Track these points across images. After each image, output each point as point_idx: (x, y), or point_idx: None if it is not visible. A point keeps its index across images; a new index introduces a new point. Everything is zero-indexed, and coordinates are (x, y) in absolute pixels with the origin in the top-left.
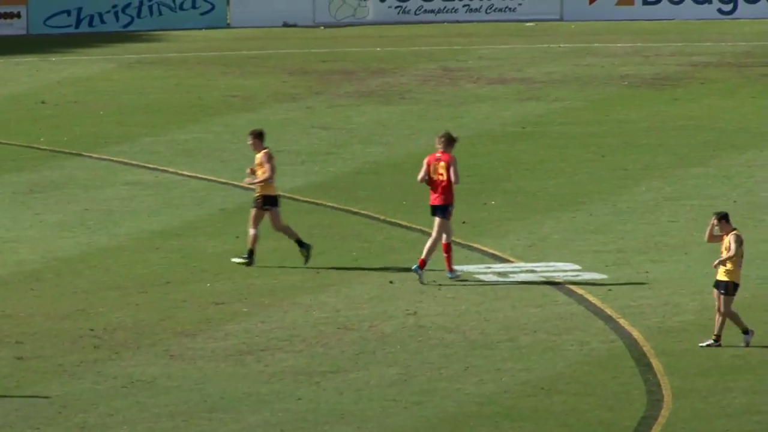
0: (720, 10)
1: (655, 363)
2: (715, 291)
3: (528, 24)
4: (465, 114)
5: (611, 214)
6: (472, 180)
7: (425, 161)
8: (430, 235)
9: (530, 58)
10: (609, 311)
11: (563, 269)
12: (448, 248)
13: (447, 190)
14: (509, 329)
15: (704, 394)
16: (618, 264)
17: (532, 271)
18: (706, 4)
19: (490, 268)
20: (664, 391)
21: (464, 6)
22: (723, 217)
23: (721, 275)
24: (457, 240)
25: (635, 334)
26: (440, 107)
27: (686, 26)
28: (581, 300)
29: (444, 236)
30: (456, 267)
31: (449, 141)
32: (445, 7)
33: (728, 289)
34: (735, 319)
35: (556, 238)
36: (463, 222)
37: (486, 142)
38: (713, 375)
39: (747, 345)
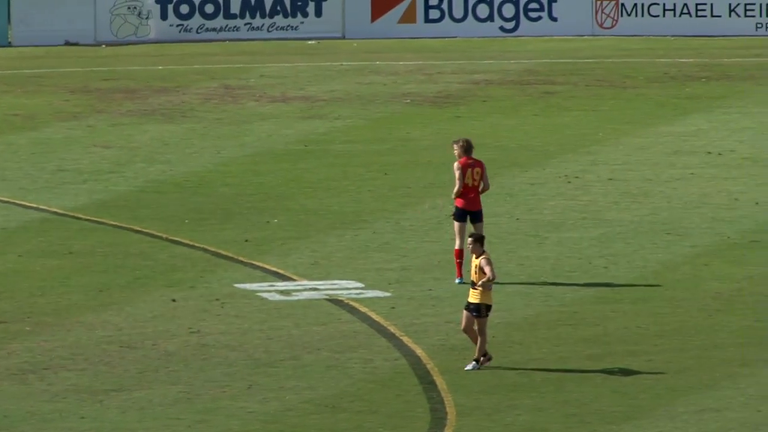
0: (502, 28)
1: (439, 381)
2: (466, 312)
3: (310, 42)
4: (247, 132)
5: (394, 232)
6: (254, 198)
7: (461, 167)
8: (215, 253)
9: (313, 77)
10: (392, 329)
11: (346, 287)
12: (459, 254)
13: (479, 195)
14: (293, 347)
15: (488, 411)
16: (401, 282)
17: (316, 290)
18: (489, 22)
19: (273, 286)
20: (447, 409)
21: (246, 24)
22: (478, 240)
23: (473, 298)
24: (240, 258)
25: (419, 351)
26: (223, 125)
27: (469, 44)
28: (365, 318)
29: (458, 241)
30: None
31: (471, 147)
32: (227, 26)
33: (481, 311)
34: (481, 341)
35: (340, 256)
36: (246, 240)
37: (269, 161)
38: (497, 393)
39: (473, 369)
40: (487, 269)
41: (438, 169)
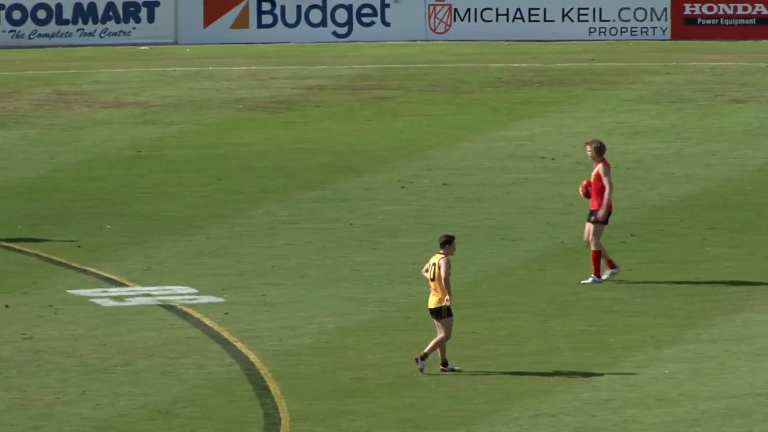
0: (335, 33)
1: (273, 386)
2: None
3: (142, 48)
4: (81, 138)
5: (228, 238)
6: (88, 204)
7: (610, 170)
8: (49, 259)
9: (146, 82)
10: (226, 335)
11: (180, 293)
12: (595, 254)
13: (596, 195)
14: (126, 353)
15: (322, 417)
16: (235, 287)
17: (149, 295)
18: (322, 27)
19: (106, 292)
20: (281, 415)
21: (78, 30)
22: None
23: (433, 303)
24: (74, 264)
25: (252, 357)
26: (56, 131)
27: (302, 49)
28: (198, 323)
29: (591, 243)
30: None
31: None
32: (59, 32)
33: (441, 313)
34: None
35: (173, 262)
36: (79, 246)
37: (102, 166)
38: (331, 398)
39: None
40: (442, 271)
41: (271, 174)
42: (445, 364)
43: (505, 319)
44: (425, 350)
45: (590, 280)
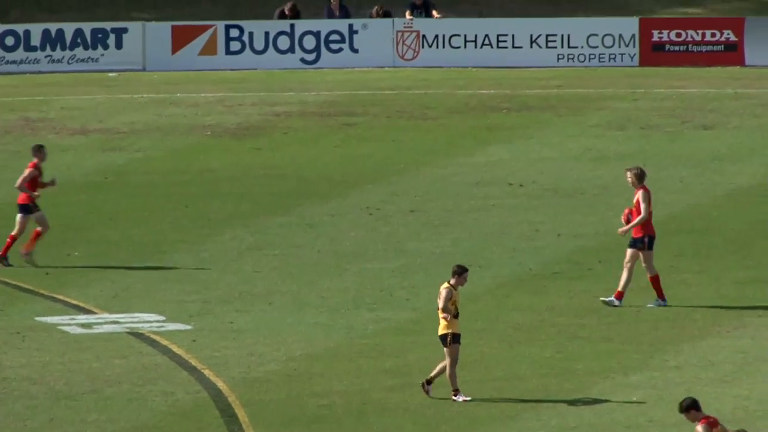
0: (303, 60)
1: (240, 413)
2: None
3: (110, 74)
4: (47, 164)
5: (195, 264)
6: (54, 230)
7: (649, 196)
8: (16, 286)
9: (113, 109)
10: (194, 362)
11: (147, 320)
12: (652, 279)
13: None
14: (94, 380)
15: None
16: (202, 314)
17: (117, 322)
18: (289, 54)
19: (74, 319)
20: None
21: (46, 56)
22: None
23: (439, 331)
24: (41, 291)
25: (220, 384)
26: (22, 158)
27: (269, 76)
28: (166, 351)
29: (647, 270)
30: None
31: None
32: (27, 58)
33: (445, 341)
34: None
35: (140, 288)
36: (46, 273)
37: (68, 192)
38: (298, 425)
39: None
40: (439, 301)
41: (238, 200)
42: (429, 382)
43: (472, 345)
44: (431, 375)
45: (654, 304)
